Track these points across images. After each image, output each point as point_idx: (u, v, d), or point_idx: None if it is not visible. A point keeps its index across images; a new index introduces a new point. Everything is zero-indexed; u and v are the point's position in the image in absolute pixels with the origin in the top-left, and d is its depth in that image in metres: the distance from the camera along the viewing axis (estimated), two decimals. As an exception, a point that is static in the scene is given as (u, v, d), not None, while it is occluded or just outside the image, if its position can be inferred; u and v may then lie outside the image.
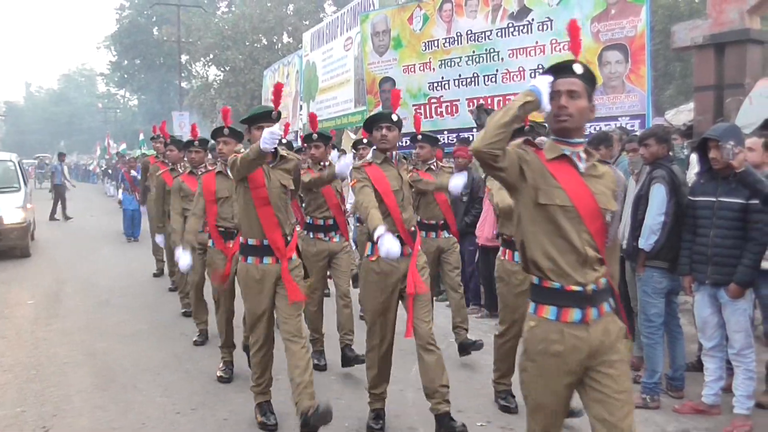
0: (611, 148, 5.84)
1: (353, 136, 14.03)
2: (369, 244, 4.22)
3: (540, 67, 10.71)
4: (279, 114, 4.27)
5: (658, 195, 4.72)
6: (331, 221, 5.80)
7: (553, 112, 2.60)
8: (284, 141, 6.30)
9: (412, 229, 4.34)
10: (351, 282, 6.11)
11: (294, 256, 4.38)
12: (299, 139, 20.31)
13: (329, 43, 17.70)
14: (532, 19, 10.89)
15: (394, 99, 5.29)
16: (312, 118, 6.78)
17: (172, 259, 8.38)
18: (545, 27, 10.75)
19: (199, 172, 6.30)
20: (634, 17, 9.68)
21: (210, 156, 6.92)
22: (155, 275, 10.19)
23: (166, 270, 9.57)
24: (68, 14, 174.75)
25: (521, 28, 11.08)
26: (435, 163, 6.38)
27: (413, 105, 12.81)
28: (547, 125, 2.82)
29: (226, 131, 5.18)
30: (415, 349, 4.17)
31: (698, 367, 5.09)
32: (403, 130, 5.93)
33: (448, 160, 8.15)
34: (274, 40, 35.62)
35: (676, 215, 4.70)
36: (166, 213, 7.61)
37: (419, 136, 6.52)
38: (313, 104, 18.19)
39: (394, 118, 4.46)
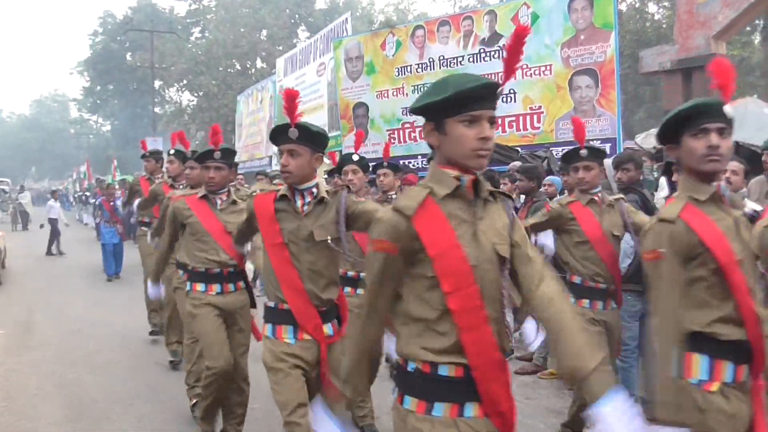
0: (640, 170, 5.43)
1: (327, 161, 14.03)
2: None
3: (511, 91, 10.86)
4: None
5: (632, 219, 4.79)
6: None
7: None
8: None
9: None
10: None
11: None
12: (272, 165, 20.36)
13: (302, 68, 17.80)
14: (503, 45, 11.03)
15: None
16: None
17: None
18: (516, 52, 10.87)
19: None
20: (603, 43, 9.86)
21: None
22: (153, 333, 7.75)
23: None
24: (40, 40, 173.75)
25: (492, 53, 11.24)
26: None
27: (387, 130, 12.90)
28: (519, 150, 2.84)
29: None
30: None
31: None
32: (377, 155, 6.00)
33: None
34: (248, 66, 35.72)
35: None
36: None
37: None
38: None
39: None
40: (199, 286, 4.21)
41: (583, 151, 4.13)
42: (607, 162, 5.64)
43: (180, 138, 5.03)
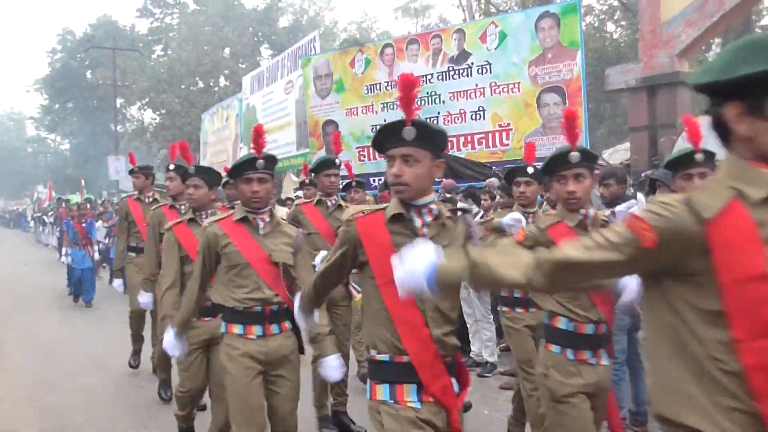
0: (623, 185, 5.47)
1: (295, 179, 14.05)
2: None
3: (480, 108, 11.04)
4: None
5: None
6: None
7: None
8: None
9: None
10: None
11: None
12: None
13: (269, 86, 17.81)
14: (472, 63, 11.24)
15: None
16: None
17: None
18: (484, 70, 11.09)
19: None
20: (570, 61, 10.08)
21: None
22: (133, 366, 7.18)
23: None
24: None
25: (461, 71, 11.41)
26: None
27: (356, 147, 12.98)
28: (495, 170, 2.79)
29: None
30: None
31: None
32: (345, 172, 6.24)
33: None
34: (211, 83, 35.56)
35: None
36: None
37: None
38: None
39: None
40: (236, 328, 3.46)
41: (575, 154, 3.19)
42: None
43: (182, 150, 4.52)
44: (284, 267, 3.51)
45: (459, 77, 11.45)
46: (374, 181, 11.93)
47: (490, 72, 10.98)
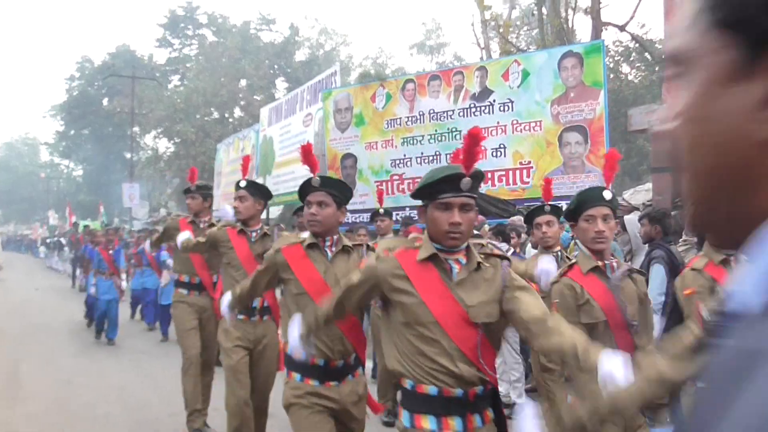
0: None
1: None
2: None
3: (502, 146, 11.04)
4: None
5: (658, 275, 4.85)
6: None
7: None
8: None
9: None
10: None
11: None
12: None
13: (288, 118, 17.89)
14: (494, 100, 11.26)
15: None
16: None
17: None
18: (506, 108, 11.11)
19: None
20: (593, 100, 10.10)
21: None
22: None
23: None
24: (11, 83, 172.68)
25: (483, 108, 11.42)
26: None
27: (375, 181, 12.97)
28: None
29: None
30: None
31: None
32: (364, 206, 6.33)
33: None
34: (226, 115, 35.84)
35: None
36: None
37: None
38: (270, 178, 18.25)
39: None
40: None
41: (608, 192, 3.33)
42: (631, 218, 5.77)
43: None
44: None
45: (480, 114, 11.45)
46: (397, 214, 11.88)
47: (512, 110, 11.00)
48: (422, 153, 12.13)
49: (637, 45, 22.26)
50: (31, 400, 7.25)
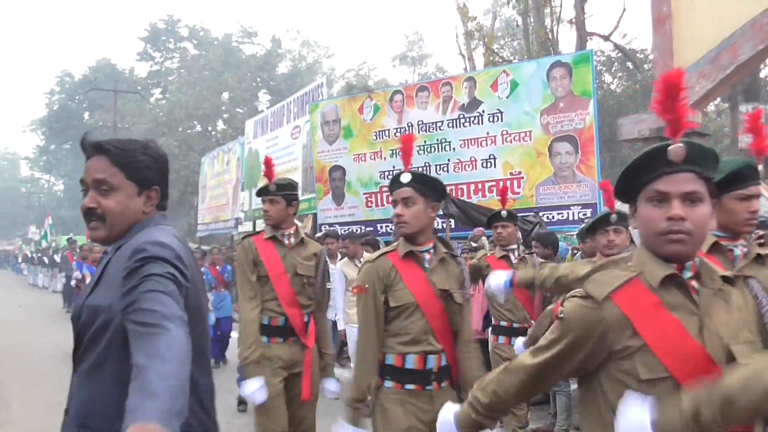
0: None
1: (299, 224, 13.94)
2: None
3: (492, 156, 11.02)
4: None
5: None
6: None
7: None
8: None
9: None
10: None
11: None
12: (238, 226, 20.17)
13: (274, 131, 17.81)
14: (483, 111, 11.24)
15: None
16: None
17: None
18: (496, 118, 11.10)
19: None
20: (582, 110, 10.12)
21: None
22: None
23: None
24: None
25: (472, 119, 11.41)
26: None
27: (364, 193, 12.91)
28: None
29: (272, 188, 4.11)
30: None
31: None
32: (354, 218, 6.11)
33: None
34: (209, 128, 35.69)
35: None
36: None
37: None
38: (255, 191, 18.11)
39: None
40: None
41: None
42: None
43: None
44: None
45: (470, 125, 11.44)
46: (382, 227, 11.84)
47: (502, 120, 10.99)
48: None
49: (620, 55, 22.40)
50: (24, 423, 7.07)
